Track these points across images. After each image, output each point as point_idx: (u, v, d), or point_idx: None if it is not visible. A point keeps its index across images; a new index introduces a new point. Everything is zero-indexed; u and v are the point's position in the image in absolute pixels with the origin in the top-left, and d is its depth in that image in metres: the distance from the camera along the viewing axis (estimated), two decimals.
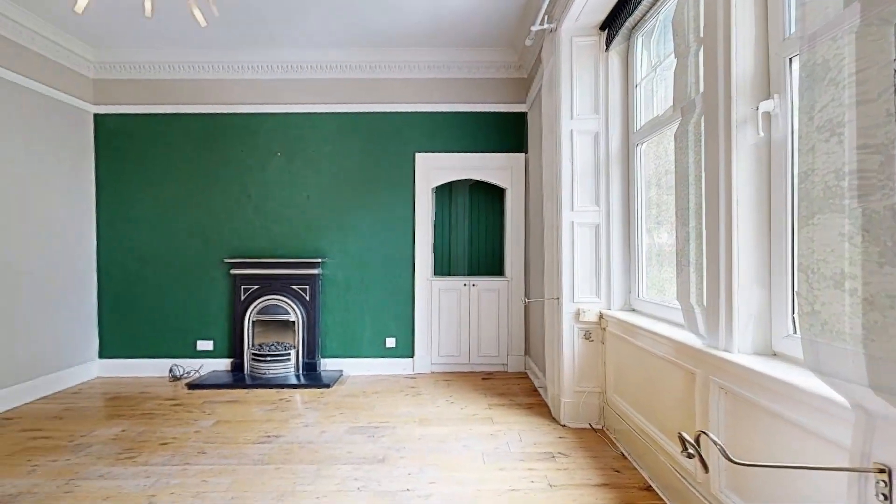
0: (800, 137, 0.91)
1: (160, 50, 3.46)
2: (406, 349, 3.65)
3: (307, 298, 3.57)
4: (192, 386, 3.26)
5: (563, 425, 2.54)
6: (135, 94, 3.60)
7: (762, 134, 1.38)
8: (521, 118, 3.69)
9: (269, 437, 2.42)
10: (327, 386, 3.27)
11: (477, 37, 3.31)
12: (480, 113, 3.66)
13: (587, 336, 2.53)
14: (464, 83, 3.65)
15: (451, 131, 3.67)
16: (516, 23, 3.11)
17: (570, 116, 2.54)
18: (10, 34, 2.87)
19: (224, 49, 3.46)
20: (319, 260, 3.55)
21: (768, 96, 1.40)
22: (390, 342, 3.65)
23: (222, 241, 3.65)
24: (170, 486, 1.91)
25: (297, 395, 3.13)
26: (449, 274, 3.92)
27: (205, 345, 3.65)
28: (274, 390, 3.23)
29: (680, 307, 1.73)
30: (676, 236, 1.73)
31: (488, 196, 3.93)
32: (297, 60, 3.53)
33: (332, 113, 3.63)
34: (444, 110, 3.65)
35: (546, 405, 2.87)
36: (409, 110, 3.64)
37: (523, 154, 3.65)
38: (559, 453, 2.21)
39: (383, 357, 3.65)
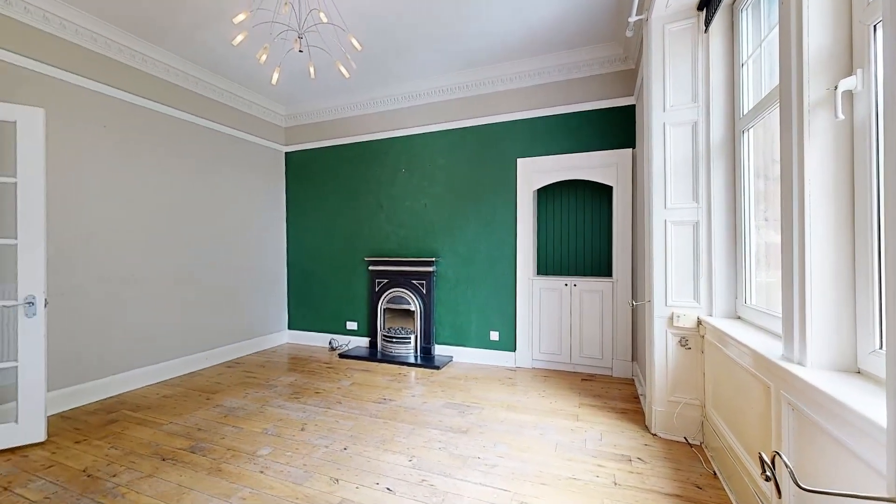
0: (885, 118, 0.85)
1: (323, 100, 4.57)
2: (509, 343, 3.90)
3: (424, 292, 4.18)
4: (342, 355, 4.22)
5: (654, 434, 2.42)
6: (309, 135, 4.84)
7: (842, 117, 1.20)
8: (627, 112, 3.51)
9: (384, 399, 3.04)
10: (437, 368, 3.79)
11: (573, 37, 3.33)
12: (582, 112, 3.64)
13: (683, 343, 2.35)
14: (562, 85, 3.69)
15: (551, 134, 3.75)
16: (613, 16, 3.03)
17: (661, 109, 2.40)
18: (237, 105, 4.29)
19: (363, 91, 4.35)
20: (433, 259, 4.11)
21: (850, 72, 1.20)
22: (494, 335, 3.96)
23: (363, 243, 4.57)
24: (315, 420, 2.67)
25: (413, 372, 3.73)
26: (552, 273, 3.99)
27: (352, 325, 4.64)
28: (396, 366, 3.92)
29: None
30: (781, 234, 1.56)
31: (594, 195, 3.84)
32: (414, 90, 4.17)
33: (444, 130, 4.16)
34: (543, 115, 3.76)
35: (642, 412, 2.74)
36: (510, 119, 3.88)
37: (630, 150, 3.47)
38: (637, 458, 2.16)
39: (487, 349, 3.98)
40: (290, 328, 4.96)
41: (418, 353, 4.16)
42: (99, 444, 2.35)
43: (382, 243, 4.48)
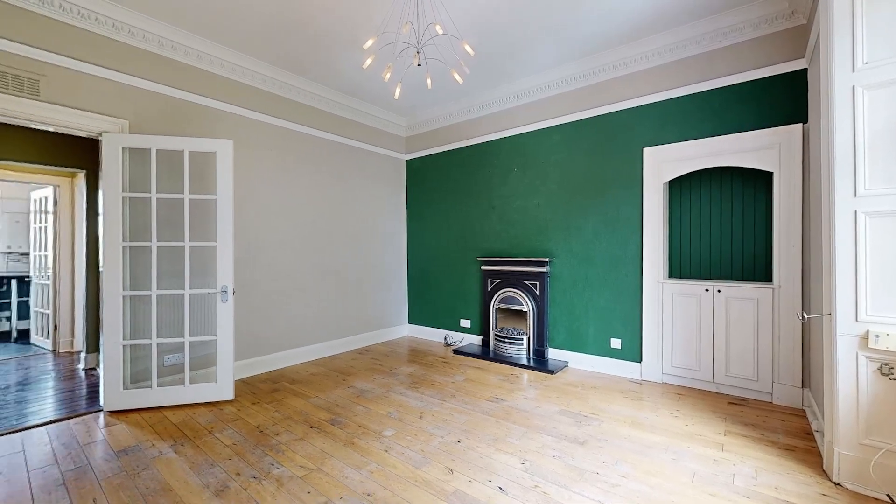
0: None
1: (439, 107, 4.83)
2: (633, 353, 3.54)
3: (537, 293, 4.07)
4: (456, 351, 4.39)
5: (836, 483, 1.90)
6: (426, 142, 5.16)
7: None
8: (794, 79, 2.84)
9: (497, 398, 3.06)
10: (551, 372, 3.65)
11: (714, 0, 2.84)
12: (728, 87, 3.08)
13: (886, 371, 1.80)
14: (701, 59, 3.18)
15: (686, 117, 3.27)
16: None
17: (849, 68, 1.88)
18: (365, 121, 4.82)
19: (474, 94, 4.45)
20: (547, 259, 3.97)
21: None
22: (615, 343, 3.63)
23: (475, 243, 4.68)
24: (432, 410, 2.83)
25: (525, 374, 3.67)
26: (687, 276, 3.47)
27: (465, 322, 4.79)
28: (508, 366, 3.91)
29: None
30: None
31: (745, 183, 3.21)
32: (526, 87, 4.09)
33: (557, 125, 3.98)
34: (676, 96, 3.30)
35: (818, 454, 2.19)
36: (634, 105, 3.50)
37: (800, 125, 2.80)
38: None
39: (608, 357, 3.67)
40: (409, 322, 5.37)
41: (531, 356, 4.07)
42: (267, 408, 2.90)
43: (494, 243, 4.51)
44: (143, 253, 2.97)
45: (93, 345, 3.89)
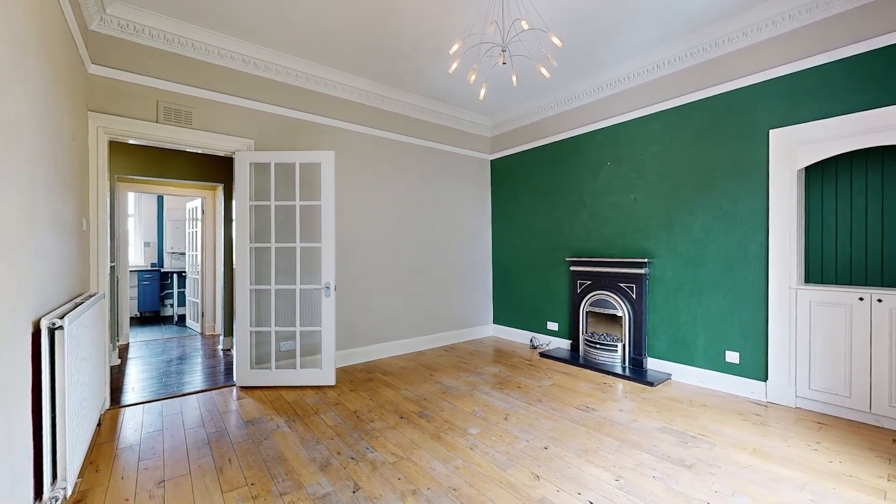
0: None
1: (524, 103, 4.73)
2: (755, 370, 3.04)
3: (633, 297, 3.74)
4: (543, 355, 4.26)
5: None
6: (510, 141, 5.10)
7: None
8: None
9: (587, 407, 2.89)
10: (651, 384, 3.32)
11: None
12: (890, 46, 2.46)
13: None
14: (852, 15, 2.59)
15: (830, 89, 2.70)
16: None
17: None
18: (450, 124, 4.93)
19: (561, 88, 4.26)
20: (646, 260, 3.63)
21: None
22: (731, 356, 3.16)
23: (563, 242, 4.48)
24: (517, 413, 2.79)
25: (619, 384, 3.40)
26: (832, 282, 2.86)
27: (552, 325, 4.61)
28: (600, 374, 3.66)
29: None
30: None
31: None
32: (619, 75, 3.78)
33: (657, 112, 3.60)
34: (815, 64, 2.74)
35: None
36: (757, 81, 3.00)
37: None
38: None
39: (721, 372, 3.21)
40: (494, 322, 5.36)
41: (626, 364, 3.76)
42: (363, 395, 3.15)
43: (583, 242, 4.27)
44: (263, 253, 3.45)
45: (228, 330, 4.64)
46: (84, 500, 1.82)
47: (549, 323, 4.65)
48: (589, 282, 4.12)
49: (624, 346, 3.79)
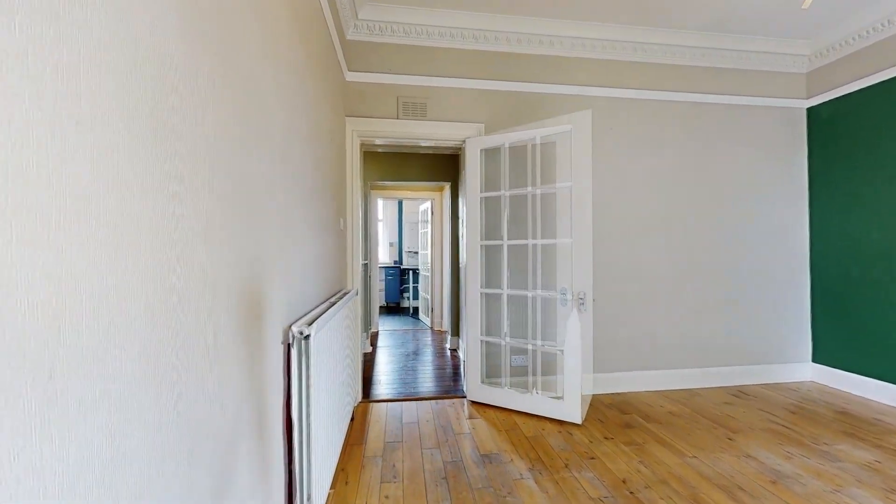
0: None
1: (868, 8, 2.74)
2: None
3: None
4: None
5: None
6: (850, 71, 3.11)
7: None
8: None
9: None
10: None
11: None
12: None
13: None
14: None
15: None
16: None
17: None
18: (737, 63, 3.36)
19: None
20: None
21: None
22: None
23: None
24: None
25: None
26: None
27: None
28: None
29: None
30: None
31: None
32: None
33: None
34: None
35: None
36: None
37: None
38: None
39: None
40: (814, 360, 3.43)
41: None
42: (626, 451, 2.24)
43: None
44: (493, 252, 3.01)
45: (454, 329, 4.56)
46: None
47: None
48: None
49: None
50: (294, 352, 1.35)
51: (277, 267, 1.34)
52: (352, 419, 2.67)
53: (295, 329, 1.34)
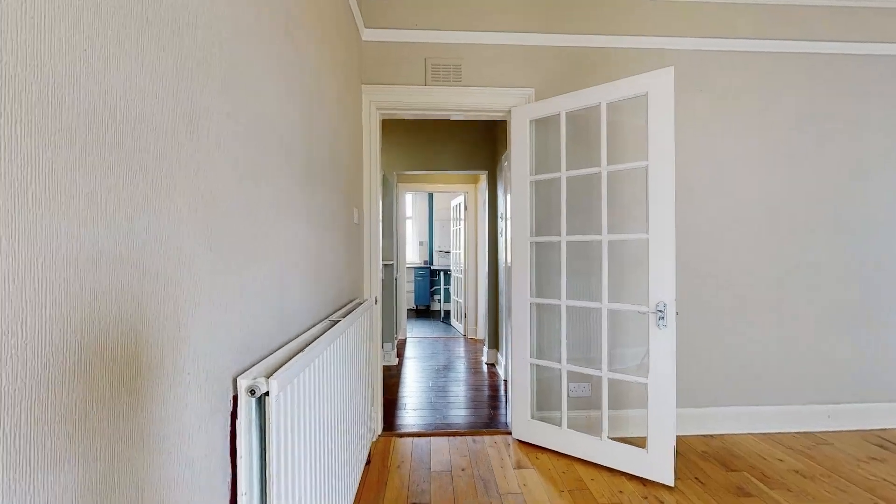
0: None
1: None
2: None
3: None
4: None
5: None
6: None
7: None
8: None
9: None
10: None
11: None
12: None
13: None
14: None
15: None
16: None
17: None
18: (850, 1, 2.52)
19: None
20: None
21: None
22: None
23: None
24: None
25: None
26: None
27: None
28: None
29: None
30: None
31: None
32: None
33: None
34: None
35: None
36: None
37: None
38: None
39: None
40: None
41: None
42: None
43: None
44: (545, 251, 2.37)
45: (492, 341, 3.93)
46: None
47: None
48: None
49: None
50: (242, 421, 0.79)
51: (217, 279, 0.78)
52: (367, 462, 2.12)
53: (243, 383, 0.78)
